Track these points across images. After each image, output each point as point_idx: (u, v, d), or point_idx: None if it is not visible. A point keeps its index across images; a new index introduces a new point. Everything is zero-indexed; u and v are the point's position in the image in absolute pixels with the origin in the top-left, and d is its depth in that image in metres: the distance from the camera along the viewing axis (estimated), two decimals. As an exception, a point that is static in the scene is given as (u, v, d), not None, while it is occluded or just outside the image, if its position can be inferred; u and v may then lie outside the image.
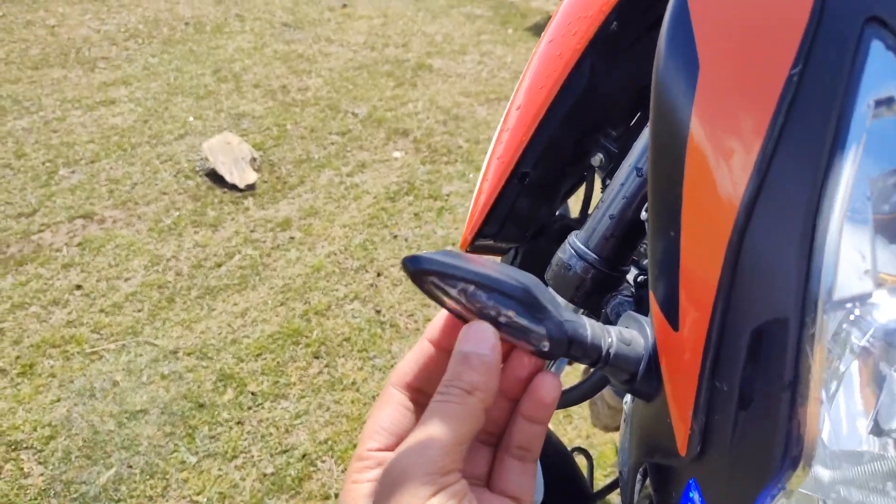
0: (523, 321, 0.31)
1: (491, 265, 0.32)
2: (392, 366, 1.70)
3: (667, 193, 0.32)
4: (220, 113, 3.09)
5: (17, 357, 1.73)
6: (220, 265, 2.08)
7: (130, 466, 1.42)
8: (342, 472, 1.40)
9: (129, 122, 2.98)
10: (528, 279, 0.32)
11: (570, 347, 0.32)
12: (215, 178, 2.54)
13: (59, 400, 1.60)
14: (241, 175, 2.51)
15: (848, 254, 0.25)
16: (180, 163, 2.67)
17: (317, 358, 1.70)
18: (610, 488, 0.69)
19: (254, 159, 2.63)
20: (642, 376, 0.34)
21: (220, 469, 1.42)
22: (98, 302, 1.93)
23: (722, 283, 0.28)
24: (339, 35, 4.32)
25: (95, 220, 2.31)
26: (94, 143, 2.79)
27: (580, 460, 0.79)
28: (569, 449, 0.70)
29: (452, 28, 4.62)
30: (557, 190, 0.66)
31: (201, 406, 1.57)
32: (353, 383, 1.62)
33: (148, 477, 1.40)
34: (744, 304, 0.28)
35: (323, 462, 1.42)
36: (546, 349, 0.32)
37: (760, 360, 0.27)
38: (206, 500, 1.35)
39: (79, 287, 1.99)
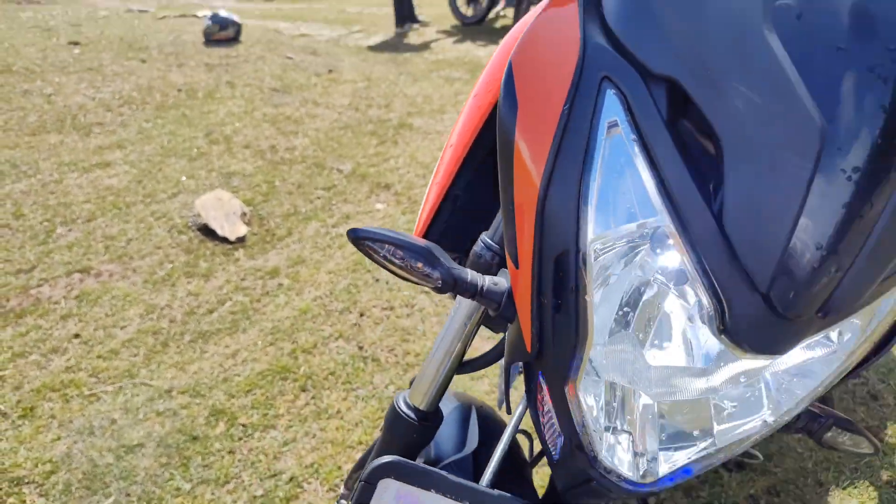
0: (426, 269, 0.50)
1: (407, 236, 0.51)
2: (374, 395, 1.84)
3: (506, 183, 0.51)
4: (211, 172, 3.31)
5: (18, 401, 1.86)
6: (211, 311, 2.24)
7: (129, 494, 1.54)
8: (327, 491, 1.53)
9: (124, 182, 3.19)
10: (431, 245, 0.51)
11: (456, 285, 0.51)
12: (207, 232, 2.73)
13: (59, 438, 1.73)
14: (232, 228, 2.70)
15: (598, 211, 0.44)
16: (173, 219, 2.86)
17: (304, 391, 1.85)
18: (541, 455, 0.85)
19: (244, 214, 2.83)
20: (504, 304, 0.54)
21: (212, 493, 1.54)
22: (96, 349, 2.07)
23: (536, 233, 0.47)
24: (325, 98, 4.63)
25: (92, 274, 2.47)
26: (90, 203, 2.99)
27: (523, 441, 0.95)
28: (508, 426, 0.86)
29: (432, 90, 4.95)
30: (488, 209, 0.85)
31: (195, 438, 1.70)
32: (338, 412, 1.76)
33: (145, 503, 1.52)
34: (549, 244, 0.46)
35: (309, 483, 1.54)
36: (440, 286, 0.50)
37: (560, 278, 0.46)
38: (199, 522, 1.47)
39: (77, 336, 2.14)
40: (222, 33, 5.55)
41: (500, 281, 0.56)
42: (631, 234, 0.43)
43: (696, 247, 0.41)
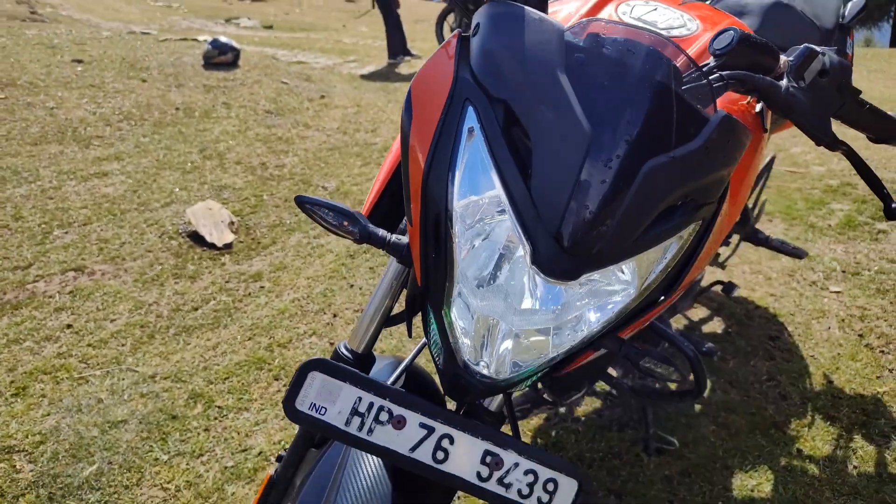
0: (349, 227, 0.71)
1: (339, 203, 0.73)
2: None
3: (405, 168, 0.73)
4: (203, 185, 3.52)
5: (12, 381, 2.02)
6: (196, 309, 2.43)
7: (111, 463, 1.71)
8: (292, 463, 1.70)
9: (119, 191, 3.39)
10: (355, 211, 0.73)
11: (370, 238, 0.73)
12: (196, 238, 2.92)
13: (48, 414, 1.89)
14: (220, 236, 2.90)
15: (460, 186, 0.66)
16: (165, 226, 3.05)
17: (276, 380, 2.03)
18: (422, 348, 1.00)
19: (232, 223, 3.03)
20: (405, 253, 0.75)
21: (188, 464, 1.70)
22: (86, 338, 2.25)
23: (421, 202, 0.68)
24: (315, 121, 4.88)
25: (86, 273, 2.66)
26: (86, 209, 3.18)
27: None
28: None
29: (420, 117, 5.21)
30: None
31: (174, 417, 1.87)
32: (307, 399, 1.94)
33: (125, 471, 1.68)
34: (429, 209, 0.68)
35: (275, 457, 1.72)
36: (358, 238, 0.72)
37: (437, 233, 0.67)
38: (174, 487, 1.63)
39: (69, 326, 2.31)
40: (221, 58, 5.82)
41: (403, 238, 0.79)
42: (481, 201, 0.65)
43: (516, 208, 0.63)
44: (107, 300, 2.47)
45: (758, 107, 0.89)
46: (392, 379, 0.83)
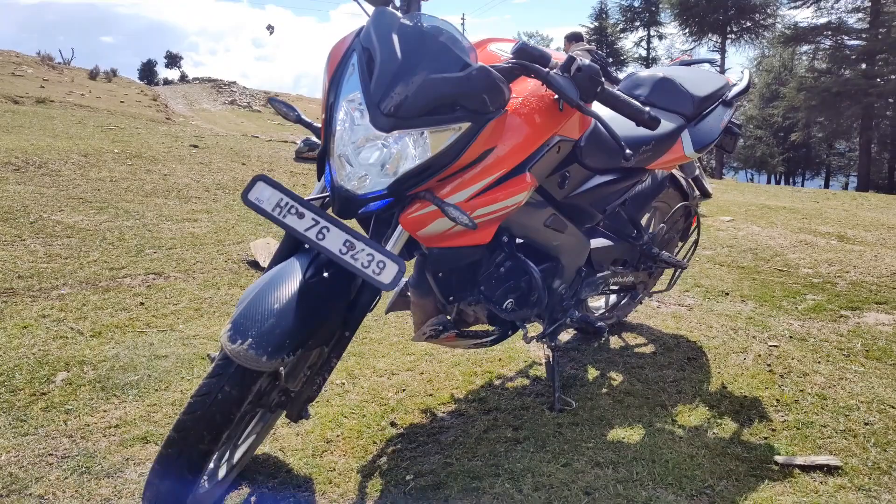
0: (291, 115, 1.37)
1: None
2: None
3: (325, 89, 1.40)
4: (269, 233, 4.28)
5: (91, 329, 2.67)
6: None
7: (149, 377, 2.26)
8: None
9: (203, 231, 4.21)
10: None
11: (301, 121, 1.39)
12: (253, 264, 3.62)
13: (113, 348, 2.50)
14: (272, 262, 3.57)
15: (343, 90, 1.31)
16: (231, 255, 3.78)
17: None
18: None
19: (284, 256, 3.72)
20: (317, 132, 1.39)
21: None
22: (152, 312, 2.90)
23: (325, 99, 1.37)
24: (377, 205, 5.69)
25: (162, 276, 3.38)
26: (174, 240, 3.99)
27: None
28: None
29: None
30: None
31: (204, 357, 2.43)
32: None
33: (158, 381, 2.23)
34: (330, 104, 1.36)
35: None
36: (295, 121, 1.38)
37: (331, 117, 1.33)
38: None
39: (141, 304, 2.98)
40: (310, 153, 6.86)
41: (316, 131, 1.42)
42: (352, 98, 1.29)
43: (367, 95, 1.30)
44: (174, 293, 3.15)
45: (555, 96, 1.50)
46: (310, 198, 1.42)
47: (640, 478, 1.72)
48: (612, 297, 2.88)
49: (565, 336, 2.79)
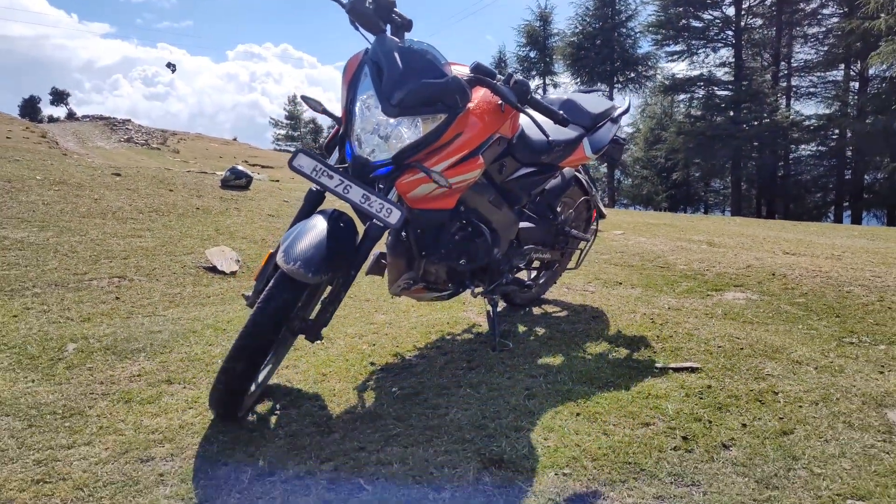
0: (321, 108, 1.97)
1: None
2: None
3: (343, 90, 2.01)
4: (221, 243, 4.68)
5: (80, 314, 3.02)
6: (209, 296, 3.47)
7: (152, 344, 2.68)
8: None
9: (151, 245, 4.55)
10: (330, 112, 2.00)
11: (326, 112, 2.00)
12: (211, 268, 4.03)
13: (108, 327, 2.88)
14: (228, 265, 4.01)
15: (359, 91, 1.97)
16: (187, 264, 4.17)
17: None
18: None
19: (238, 260, 4.15)
20: (336, 120, 2.01)
21: (203, 350, 2.67)
22: (130, 303, 3.27)
23: (345, 97, 1.99)
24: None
25: (127, 279, 3.73)
26: (125, 251, 4.31)
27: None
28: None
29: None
30: None
31: (192, 332, 2.86)
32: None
33: (160, 346, 2.65)
34: (349, 100, 1.98)
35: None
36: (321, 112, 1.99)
37: (350, 108, 1.97)
38: (188, 357, 2.59)
39: (117, 298, 3.34)
40: (237, 181, 7.29)
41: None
42: (367, 96, 1.92)
43: (379, 92, 1.95)
44: (144, 290, 3.52)
45: (499, 101, 2.18)
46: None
47: (563, 380, 2.37)
48: (534, 274, 3.58)
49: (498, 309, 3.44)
